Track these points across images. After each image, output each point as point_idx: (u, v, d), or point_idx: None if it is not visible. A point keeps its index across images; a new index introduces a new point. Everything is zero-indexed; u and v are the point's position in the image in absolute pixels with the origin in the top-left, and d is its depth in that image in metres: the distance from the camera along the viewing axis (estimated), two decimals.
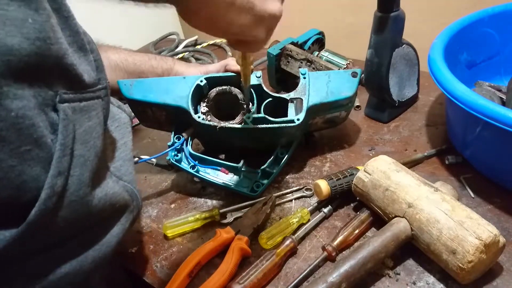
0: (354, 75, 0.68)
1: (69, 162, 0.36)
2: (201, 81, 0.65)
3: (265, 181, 0.64)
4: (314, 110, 0.65)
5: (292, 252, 0.54)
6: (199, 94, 0.66)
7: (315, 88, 0.66)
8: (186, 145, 0.66)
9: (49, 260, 0.39)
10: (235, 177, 0.64)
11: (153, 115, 0.68)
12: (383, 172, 0.54)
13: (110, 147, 0.49)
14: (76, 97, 0.38)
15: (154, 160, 0.65)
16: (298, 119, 0.63)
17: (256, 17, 0.38)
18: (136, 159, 0.62)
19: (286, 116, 0.65)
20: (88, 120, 0.40)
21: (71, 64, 0.36)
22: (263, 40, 0.43)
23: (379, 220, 0.55)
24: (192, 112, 0.63)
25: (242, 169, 0.64)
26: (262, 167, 0.64)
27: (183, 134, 0.66)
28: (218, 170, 0.64)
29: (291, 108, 0.66)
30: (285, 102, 0.66)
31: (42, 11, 0.32)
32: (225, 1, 0.35)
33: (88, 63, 0.40)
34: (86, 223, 0.41)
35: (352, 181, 0.58)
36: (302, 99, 0.65)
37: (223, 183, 0.64)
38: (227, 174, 0.64)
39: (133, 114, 0.60)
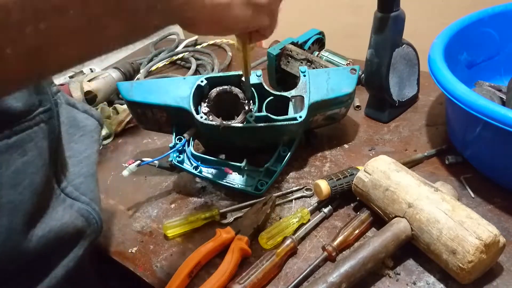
0: (352, 72, 0.68)
1: None
2: (202, 81, 0.65)
3: (269, 180, 0.64)
4: (315, 107, 0.66)
5: (292, 252, 0.54)
6: (199, 94, 0.66)
7: (316, 85, 0.66)
8: (188, 146, 0.66)
9: None
10: (239, 177, 0.64)
11: (153, 117, 0.67)
12: (383, 172, 0.54)
13: (69, 161, 0.46)
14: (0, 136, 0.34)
15: (156, 162, 0.64)
16: (300, 117, 0.63)
17: (256, 6, 0.38)
18: (139, 161, 0.62)
19: (287, 114, 0.65)
20: (22, 155, 0.36)
21: None
22: (270, 26, 0.43)
23: (379, 220, 0.55)
24: (194, 112, 0.63)
25: (245, 168, 0.64)
26: (266, 166, 0.64)
27: (185, 135, 0.65)
28: (222, 170, 0.64)
29: (292, 106, 0.67)
30: (285, 101, 0.67)
31: None
32: (222, 3, 0.35)
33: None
34: (21, 265, 0.37)
35: (352, 181, 0.58)
36: (303, 97, 0.65)
37: (226, 183, 0.64)
38: (230, 173, 0.64)
39: (103, 118, 0.57)
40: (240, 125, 0.62)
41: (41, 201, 0.39)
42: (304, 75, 0.67)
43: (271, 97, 0.66)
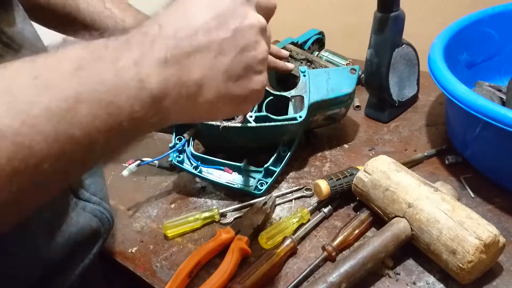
0: (352, 72, 0.69)
1: None
2: None
3: (269, 179, 0.64)
4: (315, 107, 0.66)
5: (292, 252, 0.54)
6: None
7: (315, 85, 0.67)
8: (188, 146, 0.66)
9: None
10: (239, 177, 0.64)
11: None
12: (383, 172, 0.54)
13: None
14: None
15: (156, 162, 0.64)
16: (300, 117, 0.63)
17: (238, 101, 0.35)
18: (139, 161, 0.62)
19: (287, 114, 0.65)
20: None
21: None
22: (248, 111, 0.40)
23: (379, 220, 0.55)
24: None
25: (245, 168, 0.64)
26: (266, 166, 0.64)
27: (185, 135, 0.65)
28: (222, 170, 0.64)
29: (292, 106, 0.67)
30: (285, 101, 0.67)
31: None
32: (209, 101, 0.32)
33: None
34: (45, 272, 0.38)
35: (352, 181, 0.58)
36: (303, 97, 0.65)
37: (226, 183, 0.64)
38: (230, 173, 0.64)
39: None
40: (240, 125, 0.62)
41: (58, 208, 0.39)
42: (304, 75, 0.68)
43: (271, 97, 0.67)
